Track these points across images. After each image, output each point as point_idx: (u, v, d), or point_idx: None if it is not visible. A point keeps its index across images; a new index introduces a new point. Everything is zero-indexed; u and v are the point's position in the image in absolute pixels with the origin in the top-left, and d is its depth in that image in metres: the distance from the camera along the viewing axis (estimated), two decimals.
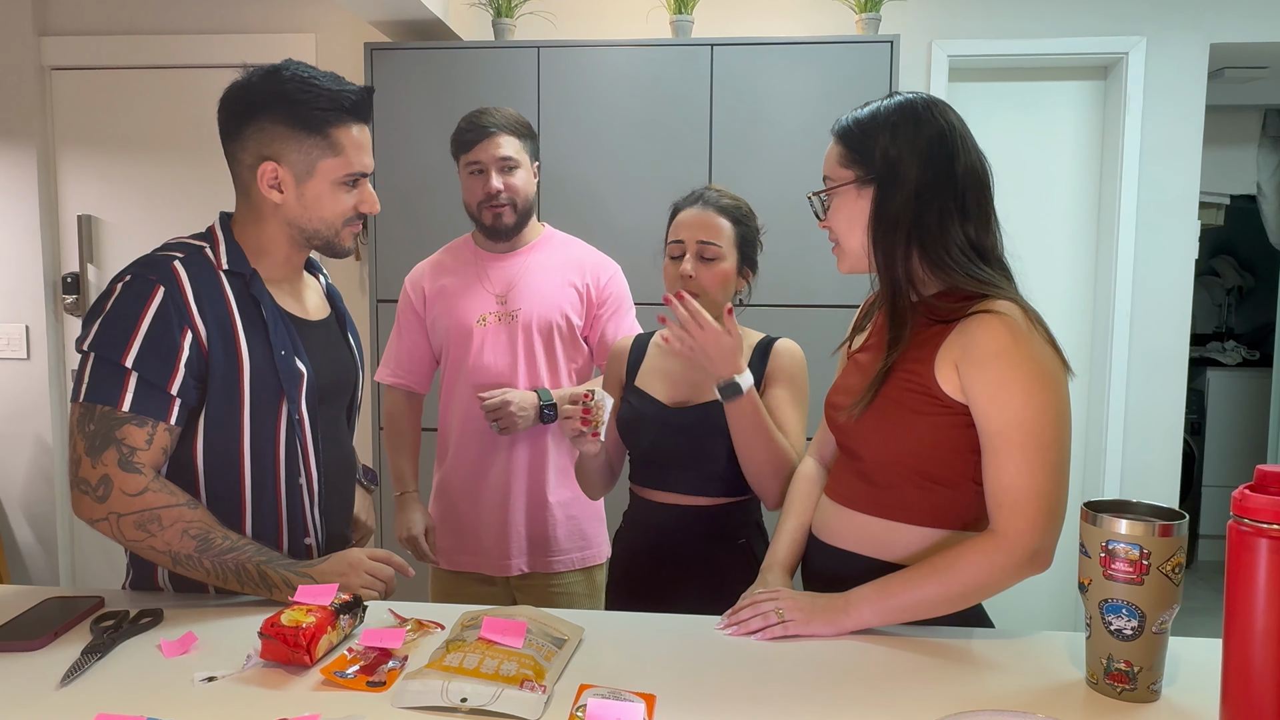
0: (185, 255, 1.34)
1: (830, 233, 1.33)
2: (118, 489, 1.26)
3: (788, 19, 3.15)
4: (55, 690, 1.06)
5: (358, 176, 1.38)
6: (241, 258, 1.38)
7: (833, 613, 1.22)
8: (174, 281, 1.30)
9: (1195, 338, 3.80)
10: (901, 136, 1.24)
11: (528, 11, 3.08)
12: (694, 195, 1.65)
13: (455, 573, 2.05)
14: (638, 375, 1.71)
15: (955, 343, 1.20)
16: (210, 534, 1.29)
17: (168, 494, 1.28)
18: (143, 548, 1.29)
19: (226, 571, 1.30)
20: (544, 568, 2.01)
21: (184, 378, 1.29)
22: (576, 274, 2.02)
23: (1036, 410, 1.15)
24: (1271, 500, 0.90)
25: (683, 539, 1.63)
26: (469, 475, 2.01)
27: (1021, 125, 3.30)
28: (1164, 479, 3.25)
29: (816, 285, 2.73)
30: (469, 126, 1.95)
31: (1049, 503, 1.16)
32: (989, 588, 1.20)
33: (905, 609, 1.21)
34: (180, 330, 1.28)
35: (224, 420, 1.34)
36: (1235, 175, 4.39)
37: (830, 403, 1.38)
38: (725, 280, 1.61)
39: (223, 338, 1.32)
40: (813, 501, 1.45)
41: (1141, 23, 3.11)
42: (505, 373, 1.98)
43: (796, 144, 2.75)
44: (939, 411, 1.22)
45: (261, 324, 1.35)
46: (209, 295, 1.32)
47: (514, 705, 1.00)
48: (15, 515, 3.41)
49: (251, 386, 1.34)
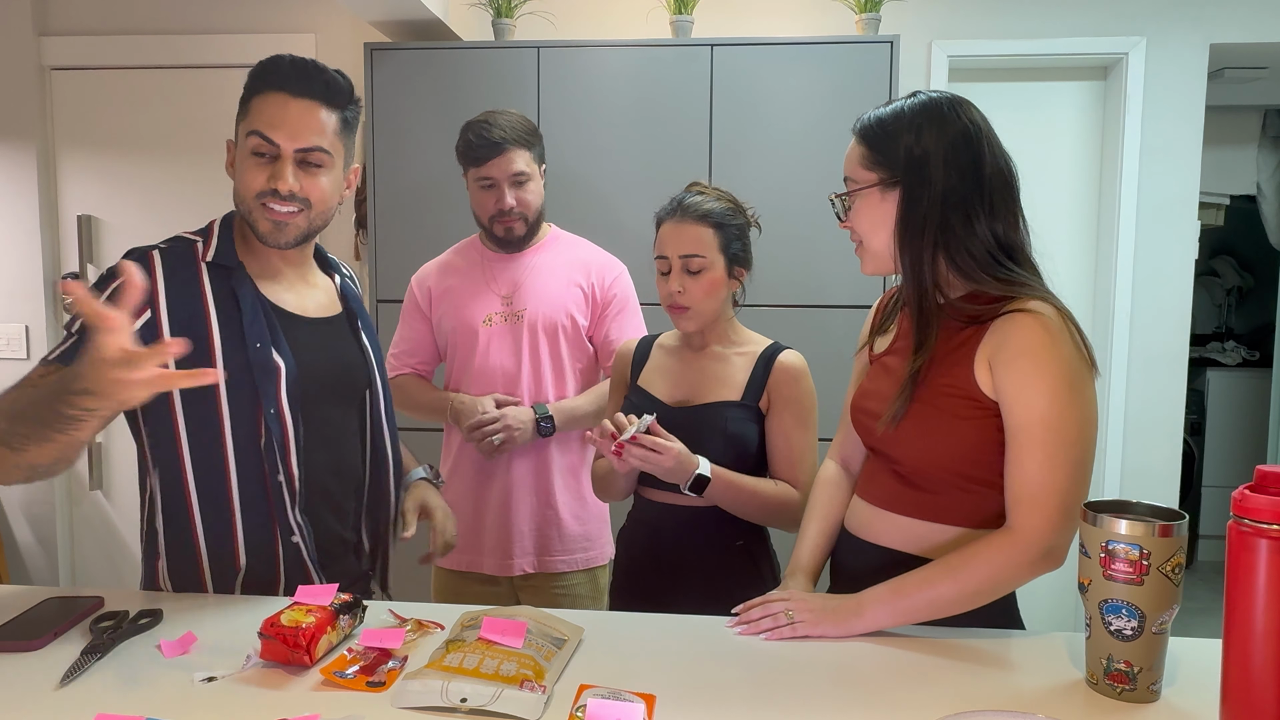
0: (168, 247, 1.36)
1: (852, 233, 1.32)
2: None
3: (788, 19, 3.15)
4: (55, 690, 1.06)
5: (268, 144, 1.31)
6: (230, 251, 1.38)
7: (844, 615, 1.22)
8: (147, 266, 1.31)
9: (1195, 338, 3.80)
10: (926, 138, 1.22)
11: (528, 11, 3.08)
12: (673, 205, 1.62)
13: (458, 572, 2.05)
14: (640, 375, 1.71)
15: (990, 341, 1.20)
16: (12, 398, 1.18)
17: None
18: None
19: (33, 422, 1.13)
20: (547, 568, 2.01)
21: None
22: (582, 274, 2.03)
23: (1061, 408, 1.15)
24: (1271, 500, 0.90)
25: (682, 540, 1.63)
26: (473, 475, 2.01)
27: (1021, 125, 3.29)
28: (1164, 479, 3.25)
29: (819, 285, 2.73)
30: (479, 141, 1.92)
31: (1066, 500, 1.16)
32: (1003, 585, 1.19)
33: (919, 609, 1.20)
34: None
35: (202, 414, 1.33)
36: (1235, 175, 4.39)
37: (860, 408, 1.36)
38: (714, 288, 1.60)
39: (190, 329, 1.31)
40: (836, 505, 1.43)
41: (1141, 23, 3.11)
42: (511, 373, 1.98)
43: (797, 144, 2.75)
44: (981, 414, 1.21)
45: (238, 317, 1.35)
46: (181, 286, 1.33)
47: (514, 705, 1.00)
48: (15, 515, 3.41)
49: (228, 380, 1.33)
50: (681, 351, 1.69)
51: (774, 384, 1.61)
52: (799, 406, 1.60)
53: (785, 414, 1.60)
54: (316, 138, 1.34)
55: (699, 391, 1.63)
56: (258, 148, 1.32)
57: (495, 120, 1.94)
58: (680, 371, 1.67)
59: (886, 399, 1.28)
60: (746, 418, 1.60)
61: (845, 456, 1.48)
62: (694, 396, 1.63)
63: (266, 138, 1.31)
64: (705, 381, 1.64)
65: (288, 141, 1.32)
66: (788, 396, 1.60)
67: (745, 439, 1.59)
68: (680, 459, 1.47)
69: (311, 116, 1.34)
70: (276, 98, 1.32)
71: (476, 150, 1.93)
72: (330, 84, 1.36)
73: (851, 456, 1.46)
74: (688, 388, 1.65)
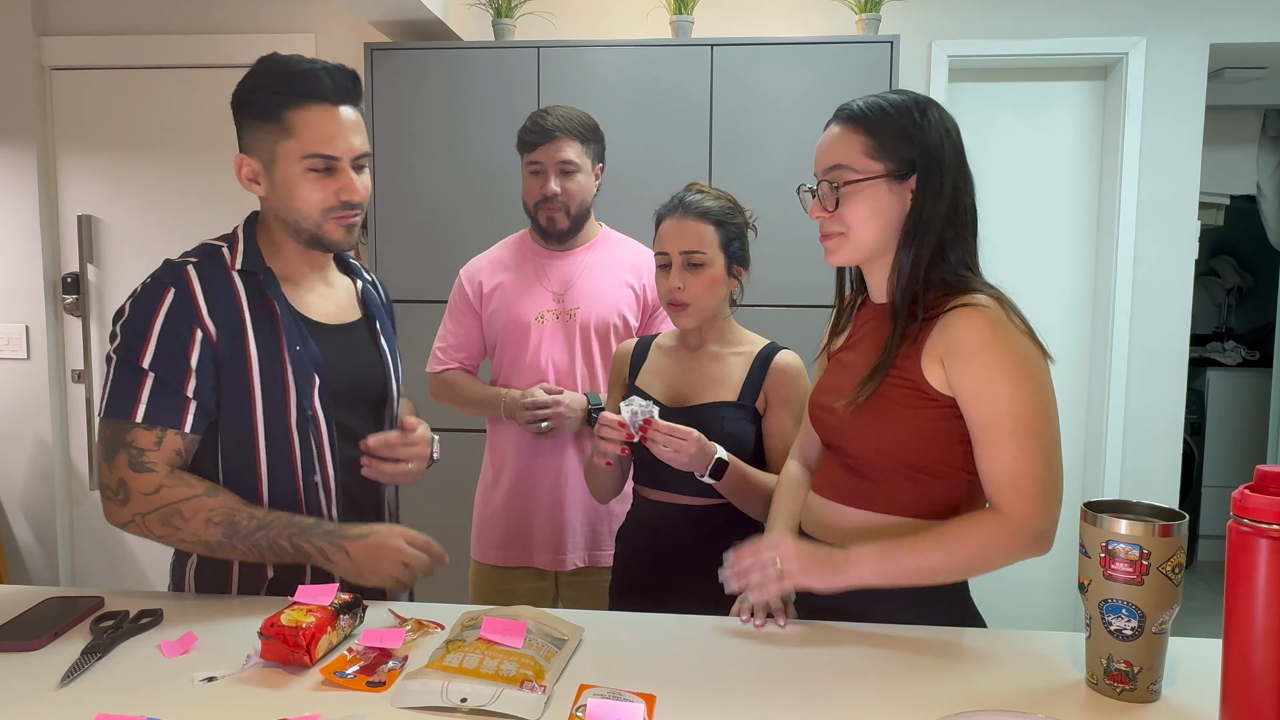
0: (199, 259, 1.36)
1: (827, 223, 1.29)
2: (134, 490, 1.28)
3: (787, 19, 3.15)
4: (55, 690, 1.06)
5: (327, 160, 1.32)
6: (257, 257, 1.39)
7: (831, 568, 1.22)
8: (184, 284, 1.32)
9: (1195, 338, 3.80)
10: (937, 133, 1.25)
11: (528, 11, 3.08)
12: (674, 202, 1.64)
13: (503, 568, 2.06)
14: (639, 376, 1.71)
15: (939, 339, 1.21)
16: (234, 517, 1.30)
17: (184, 486, 1.29)
18: (175, 541, 1.31)
19: (260, 549, 1.30)
20: (598, 562, 2.02)
21: (198, 381, 1.30)
22: (633, 274, 2.04)
23: (1024, 398, 1.17)
24: (1271, 500, 0.90)
25: (679, 539, 1.63)
26: (524, 471, 2.02)
27: (1021, 125, 3.30)
28: (1164, 479, 3.25)
29: (818, 285, 2.72)
30: (534, 127, 1.96)
31: (1048, 485, 1.18)
32: (990, 563, 1.20)
33: (906, 572, 1.21)
34: (190, 330, 1.30)
35: (237, 420, 1.34)
36: (1235, 175, 4.39)
37: (816, 403, 1.39)
38: (714, 285, 1.60)
39: (231, 337, 1.33)
40: (799, 504, 1.45)
41: (1141, 23, 3.11)
42: (563, 370, 2.00)
43: (796, 144, 2.75)
44: (928, 406, 1.23)
45: (271, 322, 1.36)
46: (220, 296, 1.34)
47: (514, 705, 1.00)
48: (15, 515, 3.41)
49: (262, 384, 1.34)
50: (679, 351, 1.69)
51: (770, 384, 1.61)
52: (795, 406, 1.61)
53: (782, 413, 1.61)
54: (363, 142, 1.36)
55: (696, 392, 1.63)
56: (314, 165, 1.32)
57: (554, 110, 1.98)
58: (677, 372, 1.67)
59: (842, 393, 1.30)
60: (743, 418, 1.60)
61: (807, 455, 1.50)
62: (691, 397, 1.63)
63: (326, 155, 1.32)
64: (702, 382, 1.64)
65: (346, 153, 1.33)
66: (784, 396, 1.61)
67: (742, 439, 1.59)
68: (702, 445, 1.49)
69: (356, 122, 1.35)
70: (321, 111, 1.31)
71: (529, 135, 1.97)
72: (356, 83, 1.37)
73: (812, 455, 1.49)
74: (685, 388, 1.65)
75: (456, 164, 2.88)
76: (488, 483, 2.10)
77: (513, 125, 2.07)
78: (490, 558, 2.06)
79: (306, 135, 1.31)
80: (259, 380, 1.34)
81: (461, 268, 2.13)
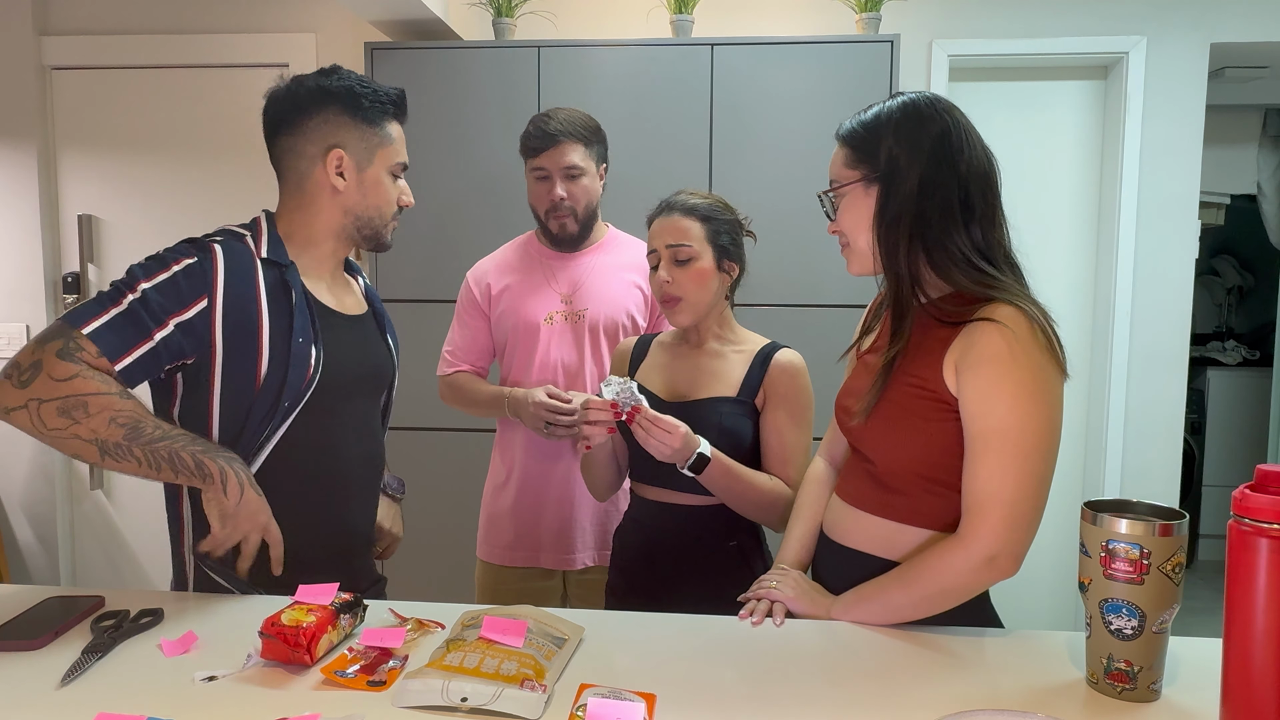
0: (224, 240, 1.38)
1: (840, 236, 1.34)
2: (46, 373, 1.20)
3: (788, 19, 3.15)
4: (55, 690, 1.06)
5: (404, 167, 1.50)
6: (281, 249, 1.42)
7: (819, 607, 1.30)
8: (209, 256, 1.34)
9: (1195, 337, 3.80)
10: (904, 134, 1.24)
11: (528, 11, 3.08)
12: (662, 204, 1.67)
13: (510, 568, 2.06)
14: (639, 372, 1.72)
15: (958, 346, 1.20)
16: (141, 423, 1.24)
17: (99, 381, 1.22)
18: (65, 437, 1.21)
19: (159, 459, 1.24)
20: (607, 560, 2.01)
21: (176, 335, 1.28)
22: (640, 275, 2.04)
23: (1020, 418, 1.15)
24: (1271, 500, 0.90)
25: (675, 538, 1.63)
26: (534, 471, 2.02)
27: (1021, 125, 3.30)
28: (1164, 479, 3.25)
29: (820, 284, 2.72)
30: (536, 132, 1.96)
31: (1015, 511, 1.15)
32: (953, 591, 1.20)
33: (877, 614, 1.25)
34: (196, 295, 1.31)
35: (237, 407, 1.35)
36: (1235, 175, 4.39)
37: (840, 405, 1.39)
38: (703, 278, 1.61)
39: (243, 322, 1.33)
40: (823, 504, 1.45)
41: (1141, 23, 3.11)
42: (573, 370, 2.00)
43: (797, 144, 2.75)
44: (947, 416, 1.22)
45: (288, 313, 1.37)
46: (239, 278, 1.35)
47: (514, 705, 1.00)
48: (15, 515, 3.41)
49: (270, 374, 1.35)
50: (679, 348, 1.70)
51: (770, 381, 1.61)
52: (794, 404, 1.61)
53: (780, 410, 1.61)
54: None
55: (695, 387, 1.64)
56: (397, 171, 1.50)
57: (555, 114, 1.97)
58: (677, 368, 1.67)
59: (863, 394, 1.30)
60: (741, 413, 1.60)
61: (834, 455, 1.50)
62: (690, 392, 1.64)
63: (405, 164, 1.51)
64: (701, 377, 1.64)
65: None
66: (783, 394, 1.61)
67: (739, 434, 1.60)
68: (686, 438, 1.50)
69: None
70: (399, 128, 1.50)
71: (532, 140, 1.97)
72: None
73: (838, 454, 1.49)
74: (684, 384, 1.65)
75: (457, 163, 2.88)
76: (498, 482, 2.09)
77: (513, 124, 2.07)
78: (498, 557, 2.06)
79: (399, 145, 1.49)
80: (266, 370, 1.35)
81: (468, 270, 2.13)
